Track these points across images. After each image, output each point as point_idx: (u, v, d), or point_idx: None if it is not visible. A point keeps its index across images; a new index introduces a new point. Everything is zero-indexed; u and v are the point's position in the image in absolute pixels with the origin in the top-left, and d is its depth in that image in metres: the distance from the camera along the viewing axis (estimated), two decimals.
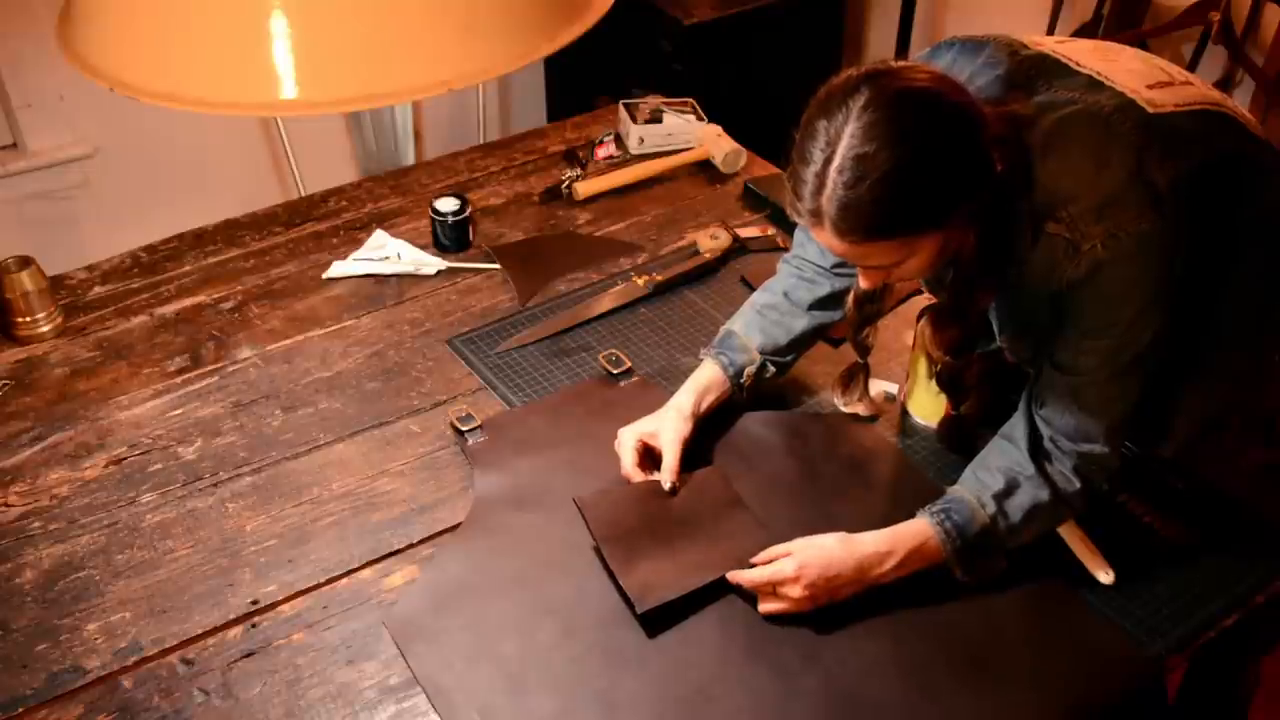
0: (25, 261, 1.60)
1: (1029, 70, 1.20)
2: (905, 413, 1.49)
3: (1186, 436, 1.33)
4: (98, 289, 1.73)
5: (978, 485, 1.25)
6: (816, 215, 1.10)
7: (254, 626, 1.23)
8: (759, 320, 1.46)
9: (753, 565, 1.24)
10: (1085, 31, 2.98)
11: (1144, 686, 1.22)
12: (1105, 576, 1.27)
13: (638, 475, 1.35)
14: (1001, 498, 1.24)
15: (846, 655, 1.20)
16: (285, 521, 1.35)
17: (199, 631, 1.22)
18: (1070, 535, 1.31)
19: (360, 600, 1.26)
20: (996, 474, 1.25)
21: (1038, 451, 1.25)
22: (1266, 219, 1.23)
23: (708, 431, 1.44)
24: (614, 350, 1.59)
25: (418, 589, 1.26)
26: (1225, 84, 2.90)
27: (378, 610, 1.25)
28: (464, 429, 1.45)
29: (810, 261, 1.46)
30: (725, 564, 1.26)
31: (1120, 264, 1.13)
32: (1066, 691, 1.18)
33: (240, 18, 1.38)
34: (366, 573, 1.30)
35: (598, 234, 1.87)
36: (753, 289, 1.69)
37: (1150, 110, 1.16)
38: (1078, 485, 1.24)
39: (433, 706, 1.15)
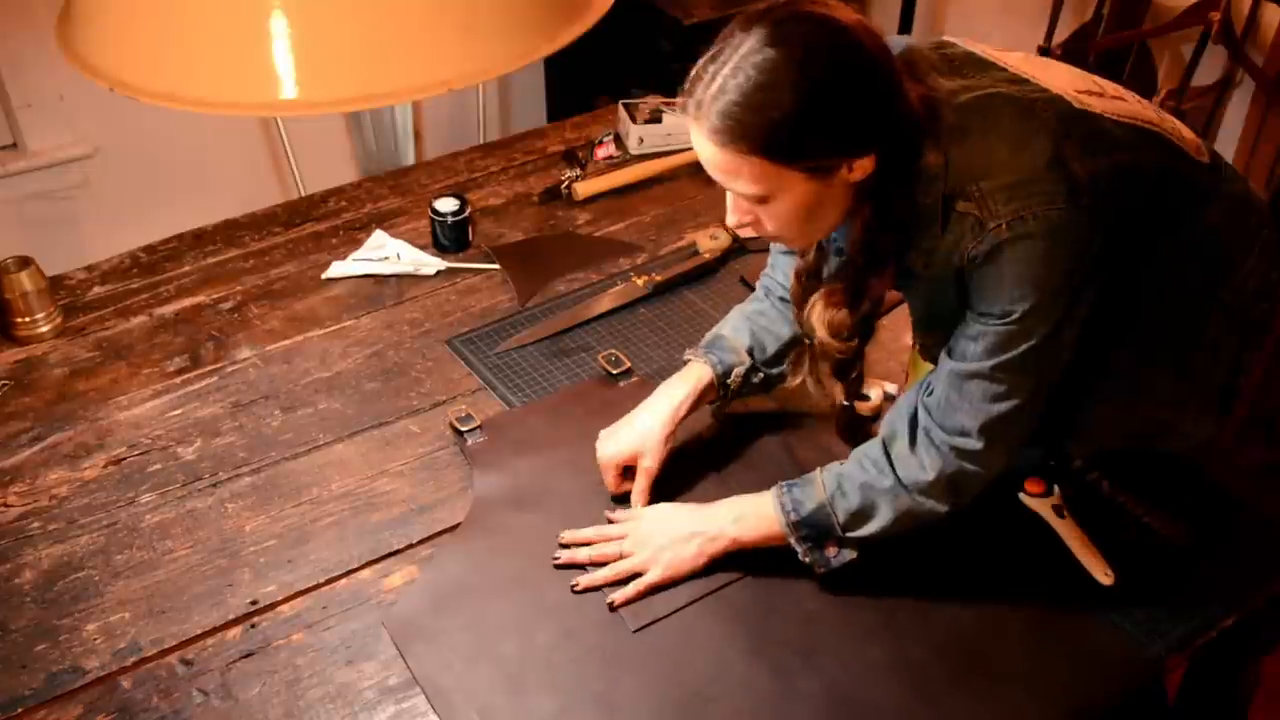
0: (25, 262, 1.60)
1: (953, 60, 1.16)
2: None
3: (1099, 447, 1.31)
4: (97, 289, 1.73)
5: (834, 464, 1.26)
6: (698, 109, 1.06)
7: (253, 627, 1.23)
8: (747, 324, 1.43)
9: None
10: (1085, 32, 2.97)
11: (1143, 687, 1.22)
12: (1105, 578, 1.27)
13: (619, 489, 1.36)
14: (843, 476, 1.23)
15: (846, 658, 1.20)
16: (284, 522, 1.35)
17: (198, 632, 1.22)
18: (1069, 535, 1.31)
19: (359, 600, 1.26)
20: (853, 456, 1.25)
21: (911, 438, 1.22)
22: (1196, 242, 1.20)
23: (707, 429, 1.44)
24: (613, 350, 1.59)
25: (417, 589, 1.26)
26: (1225, 84, 2.90)
27: (377, 610, 1.25)
28: (463, 429, 1.45)
29: (780, 283, 1.43)
30: (719, 575, 1.26)
31: (1023, 247, 1.08)
32: (1066, 694, 1.18)
33: (240, 18, 1.38)
34: (366, 573, 1.30)
35: (597, 234, 1.87)
36: (752, 289, 1.69)
37: (1077, 105, 1.13)
38: (929, 476, 1.19)
39: (432, 707, 1.15)
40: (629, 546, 1.28)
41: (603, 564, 1.28)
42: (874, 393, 1.49)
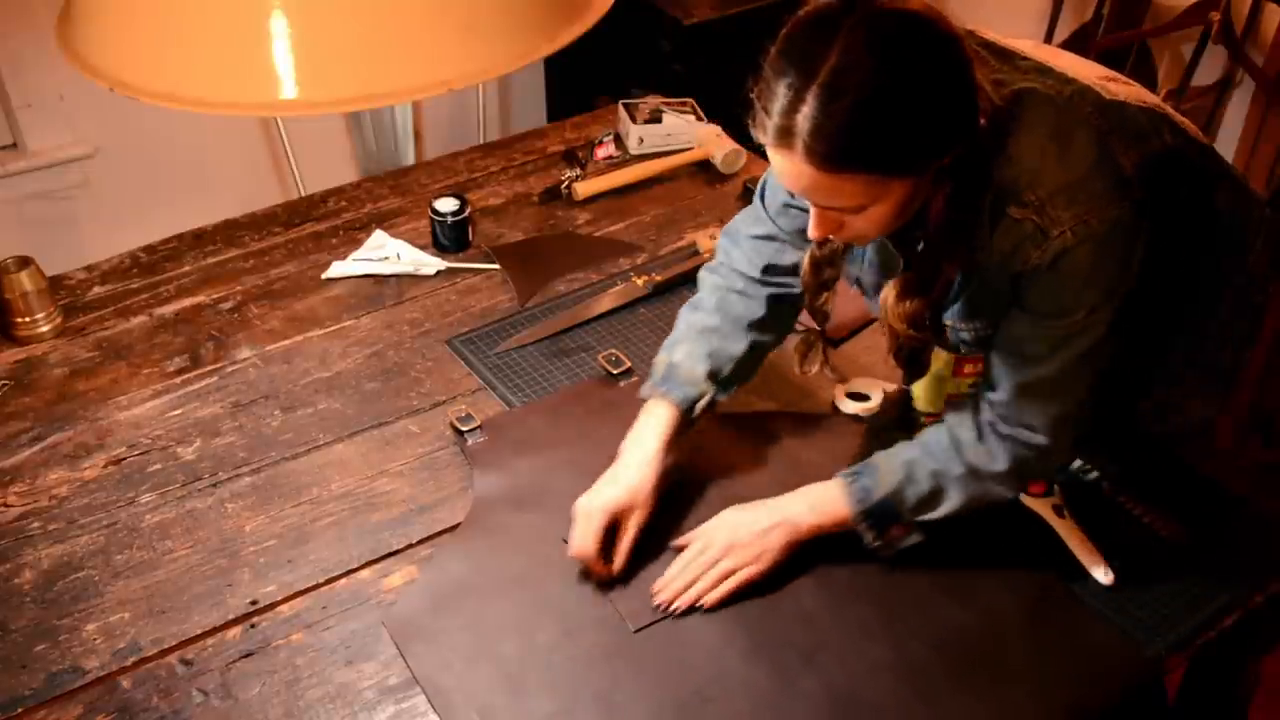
0: (25, 262, 1.60)
1: (980, 47, 1.13)
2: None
3: (1111, 431, 1.32)
4: (97, 289, 1.73)
5: (895, 451, 1.27)
6: (786, 135, 1.01)
7: (253, 627, 1.23)
8: (701, 346, 1.36)
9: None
10: (1085, 31, 2.98)
11: (1143, 686, 1.22)
12: (1104, 576, 1.27)
13: (589, 552, 1.26)
14: (913, 464, 1.24)
15: (846, 657, 1.20)
16: (284, 522, 1.35)
17: (198, 632, 1.22)
18: (1069, 535, 1.31)
19: (359, 600, 1.26)
20: (916, 444, 1.26)
21: (979, 431, 1.23)
22: (1209, 225, 1.21)
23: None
24: (613, 350, 1.59)
25: (417, 589, 1.26)
26: (1225, 84, 2.90)
27: (377, 610, 1.25)
28: (464, 429, 1.45)
29: (739, 272, 1.39)
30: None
31: (1085, 251, 1.08)
32: (1066, 692, 1.18)
33: (240, 18, 1.38)
34: (365, 573, 1.30)
35: (597, 234, 1.87)
36: None
37: (1107, 96, 1.13)
38: (1003, 467, 1.21)
39: (432, 706, 1.15)
40: (715, 554, 1.26)
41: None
42: (874, 394, 1.49)
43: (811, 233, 1.14)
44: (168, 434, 1.47)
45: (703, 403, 1.36)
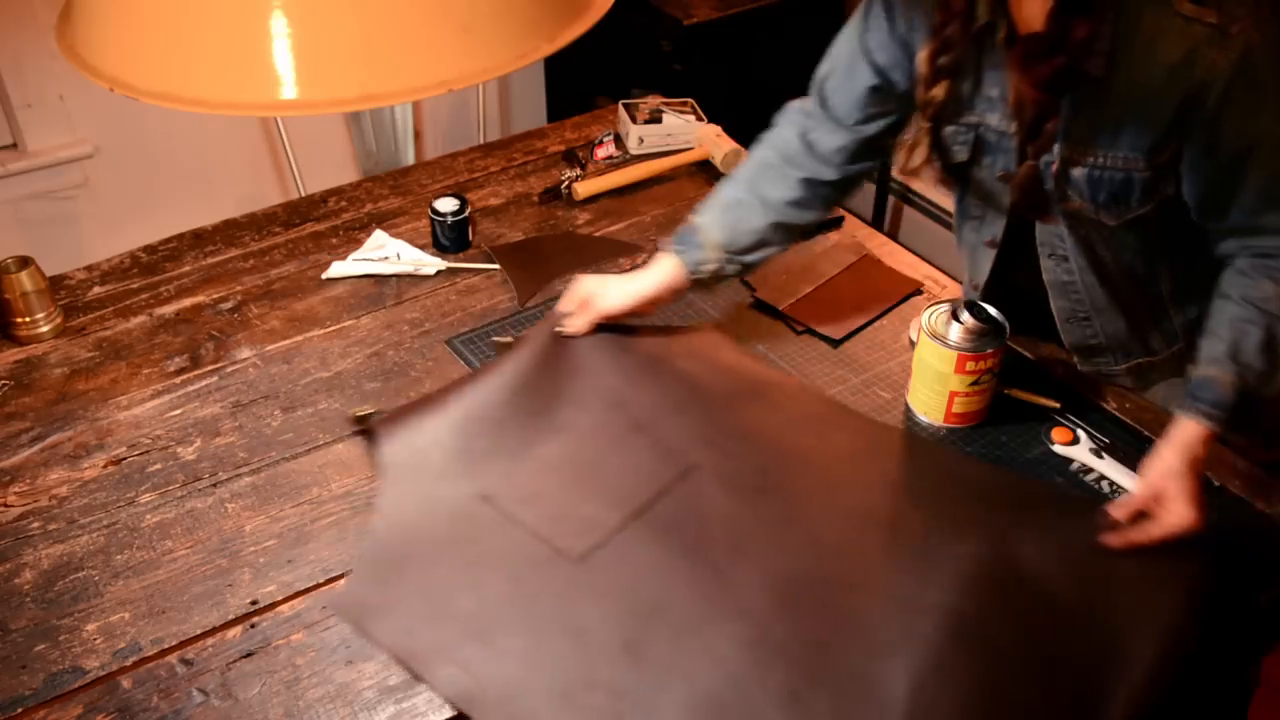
0: (25, 262, 1.60)
1: None
2: (908, 410, 1.49)
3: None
4: (97, 289, 1.73)
5: (1208, 355, 1.25)
6: None
7: (253, 627, 1.23)
8: (724, 216, 1.48)
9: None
10: None
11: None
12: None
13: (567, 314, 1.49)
14: (1234, 354, 1.23)
15: (769, 546, 1.27)
16: (284, 522, 1.35)
17: (198, 632, 1.22)
18: (1117, 472, 1.36)
19: None
20: (1218, 336, 1.25)
21: (1260, 276, 1.23)
22: None
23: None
24: (501, 337, 1.61)
25: (357, 571, 1.27)
26: None
27: None
28: (364, 414, 1.44)
29: (778, 149, 1.47)
30: (645, 488, 1.34)
31: (1271, 45, 1.08)
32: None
33: (240, 18, 1.38)
34: None
35: (597, 234, 1.87)
36: (753, 290, 1.70)
37: None
38: None
39: (410, 673, 1.16)
40: (1171, 511, 1.24)
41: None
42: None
43: None
44: (168, 434, 1.47)
45: (710, 267, 1.48)
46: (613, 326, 1.53)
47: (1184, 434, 1.25)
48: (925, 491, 1.37)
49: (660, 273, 1.49)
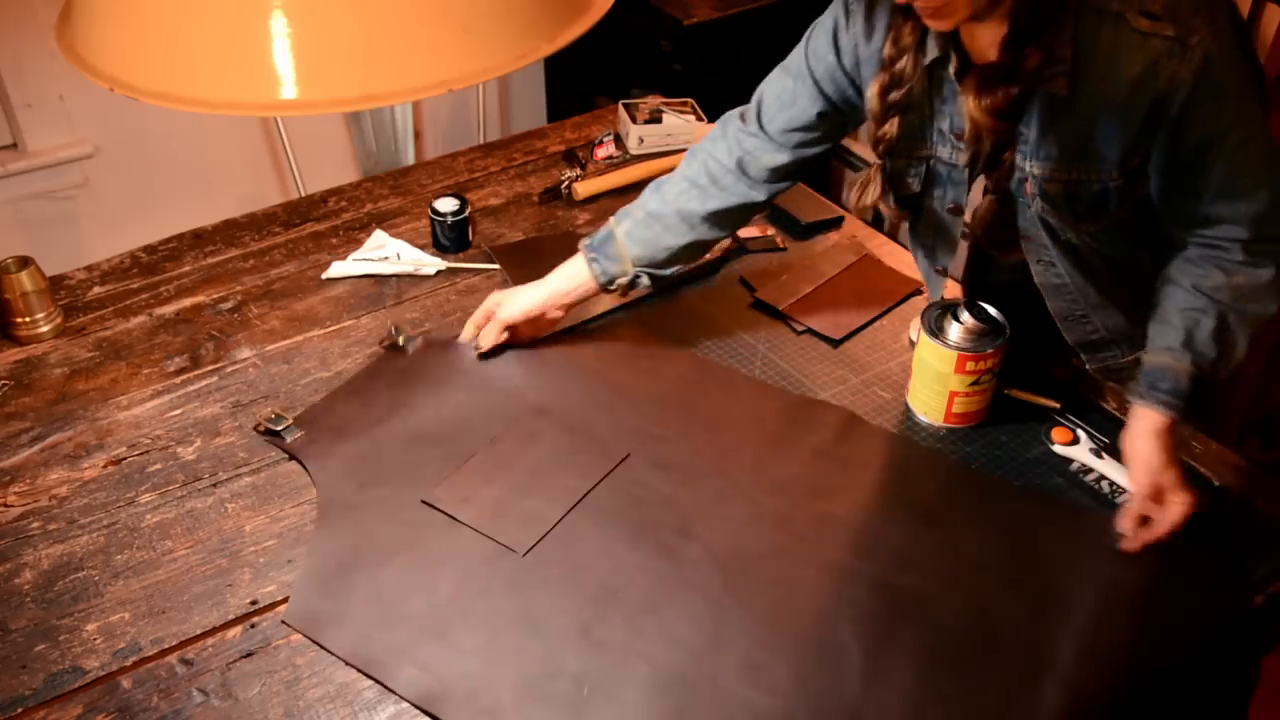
0: (25, 262, 1.60)
1: None
2: (909, 410, 1.49)
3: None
4: (97, 289, 1.73)
5: (1162, 343, 1.28)
6: None
7: (253, 627, 1.23)
8: (643, 231, 1.50)
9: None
10: None
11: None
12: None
13: (469, 331, 1.55)
14: (1188, 342, 1.26)
15: (714, 521, 1.31)
16: (284, 522, 1.35)
17: (198, 632, 1.22)
18: (1116, 472, 1.36)
19: None
20: (1171, 324, 1.28)
21: (1210, 266, 1.26)
22: None
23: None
24: (393, 323, 1.62)
25: (304, 582, 1.27)
26: None
27: None
28: (278, 429, 1.45)
29: (713, 163, 1.48)
30: (581, 481, 1.36)
31: (1228, 52, 1.11)
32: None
33: (240, 18, 1.38)
34: None
35: None
36: (753, 290, 1.70)
37: None
38: (1270, 272, 1.25)
39: (369, 678, 1.16)
40: (1172, 502, 1.27)
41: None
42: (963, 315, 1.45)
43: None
44: (168, 434, 1.47)
45: (623, 281, 1.52)
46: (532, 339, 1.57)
47: (1150, 424, 1.28)
48: (856, 464, 1.40)
49: (571, 280, 1.52)
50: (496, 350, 1.55)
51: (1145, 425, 1.28)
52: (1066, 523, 1.32)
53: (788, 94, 1.44)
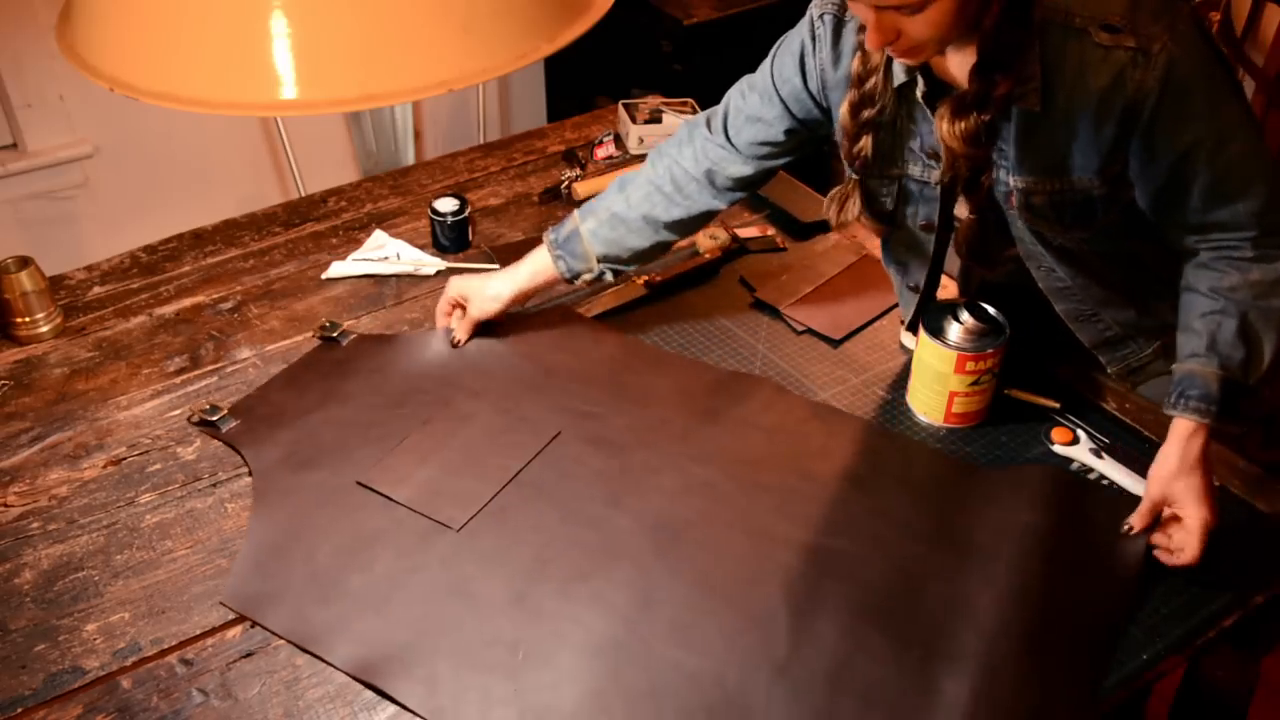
0: (24, 262, 1.60)
1: None
2: (909, 410, 1.49)
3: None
4: (97, 289, 1.73)
5: (1188, 350, 1.27)
6: None
7: (253, 627, 1.23)
8: (607, 231, 1.52)
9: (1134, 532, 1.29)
10: None
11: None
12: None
13: (443, 321, 1.58)
14: (1213, 346, 1.25)
15: (645, 491, 1.34)
16: None
17: (198, 632, 1.22)
18: (1116, 473, 1.36)
19: None
20: (1193, 331, 1.27)
21: (1225, 267, 1.25)
22: None
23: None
24: (326, 317, 1.64)
25: (241, 564, 1.28)
26: None
27: None
28: (213, 419, 1.46)
29: (680, 169, 1.49)
30: (513, 460, 1.39)
31: (1192, 57, 1.12)
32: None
33: (240, 18, 1.38)
34: None
35: None
36: (753, 290, 1.70)
37: None
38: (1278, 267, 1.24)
39: (311, 655, 1.17)
40: (1187, 515, 1.26)
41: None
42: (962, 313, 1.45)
43: (870, 41, 1.17)
44: (168, 434, 1.47)
45: (587, 277, 1.55)
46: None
47: (1180, 433, 1.26)
48: (783, 433, 1.43)
49: (537, 275, 1.55)
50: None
51: (1175, 434, 1.26)
52: (991, 480, 1.36)
53: (754, 111, 1.45)
